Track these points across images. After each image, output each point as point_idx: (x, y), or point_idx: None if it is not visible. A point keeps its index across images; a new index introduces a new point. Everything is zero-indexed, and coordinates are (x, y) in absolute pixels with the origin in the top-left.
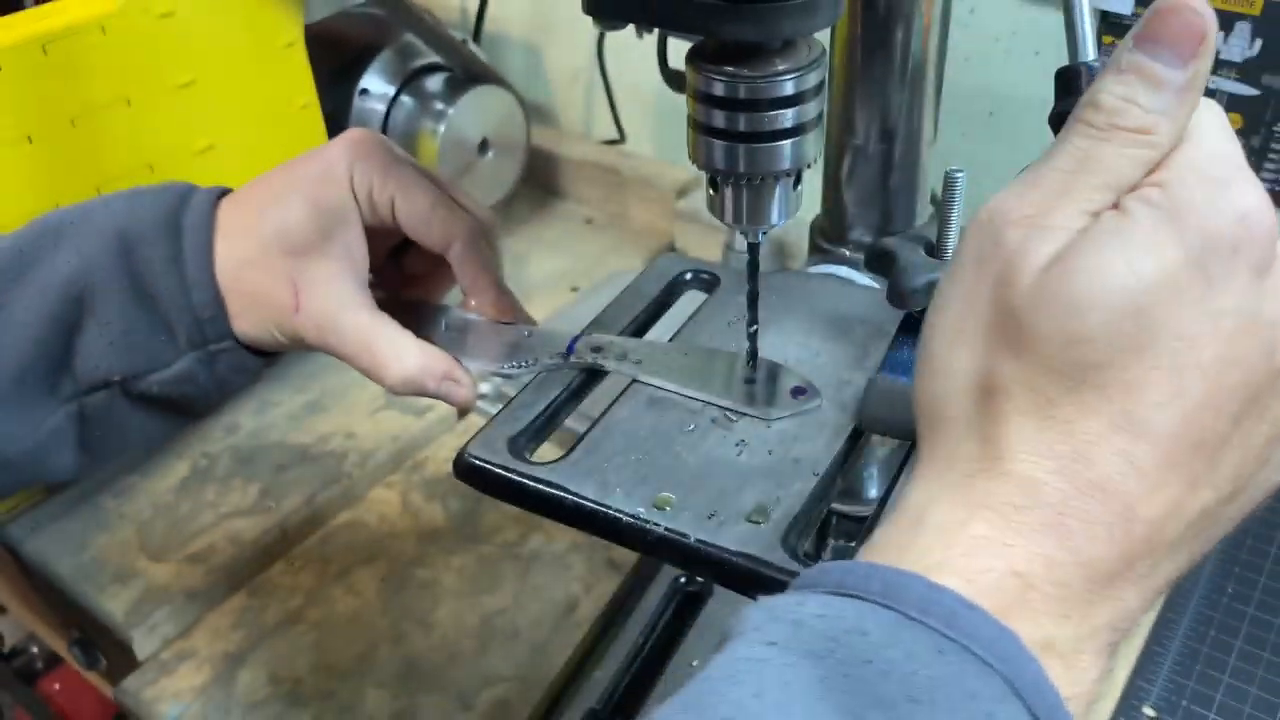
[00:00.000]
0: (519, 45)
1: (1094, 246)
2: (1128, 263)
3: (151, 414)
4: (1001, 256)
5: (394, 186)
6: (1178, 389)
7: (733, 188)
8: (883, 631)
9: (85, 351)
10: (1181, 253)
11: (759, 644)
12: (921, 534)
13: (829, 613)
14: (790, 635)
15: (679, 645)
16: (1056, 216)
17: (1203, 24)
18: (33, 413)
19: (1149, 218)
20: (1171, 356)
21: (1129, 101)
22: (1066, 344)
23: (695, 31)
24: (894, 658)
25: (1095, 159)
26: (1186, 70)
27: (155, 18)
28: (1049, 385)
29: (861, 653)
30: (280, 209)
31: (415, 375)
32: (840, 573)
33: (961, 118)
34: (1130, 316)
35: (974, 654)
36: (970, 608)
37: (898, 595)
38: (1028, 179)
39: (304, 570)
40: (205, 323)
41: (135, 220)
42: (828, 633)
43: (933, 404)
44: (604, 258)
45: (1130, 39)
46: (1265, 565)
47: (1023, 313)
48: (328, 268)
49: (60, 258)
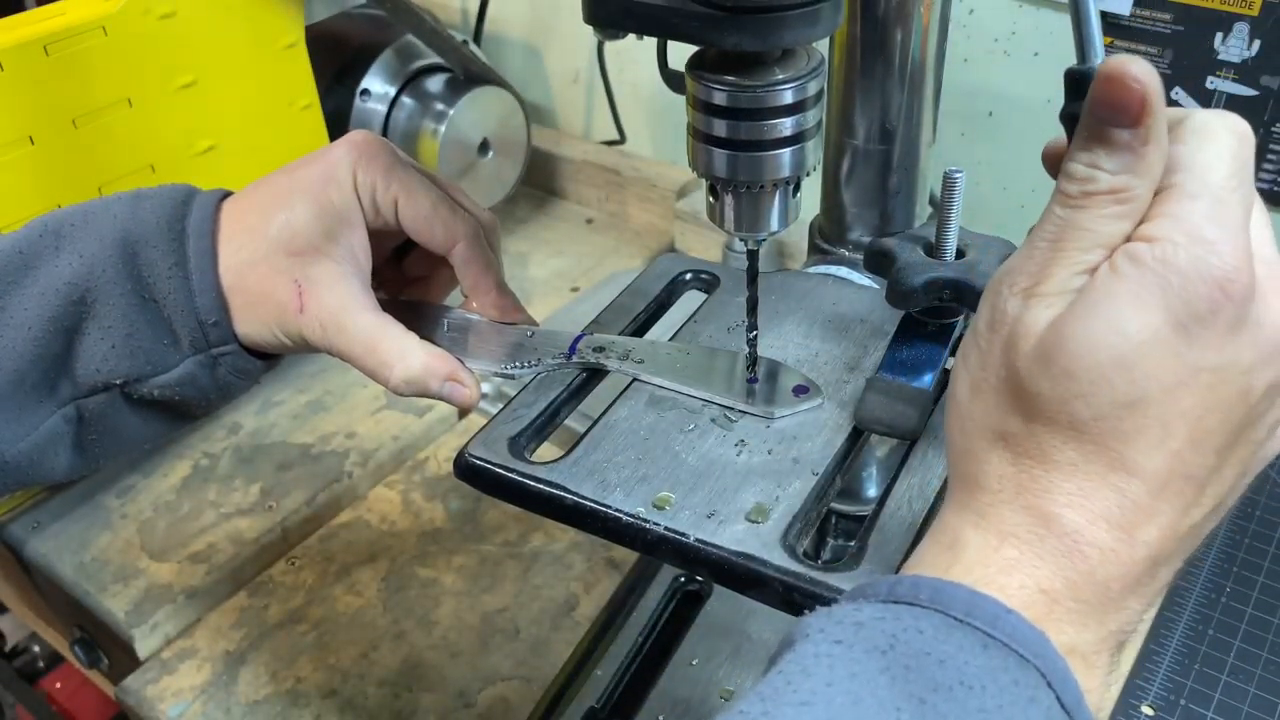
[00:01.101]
0: (519, 46)
1: (1085, 311)
2: (1115, 327)
3: (150, 417)
4: (1006, 323)
5: (397, 188)
6: (1165, 434)
7: (732, 195)
8: (936, 631)
9: (86, 354)
10: (1164, 316)
11: (826, 642)
12: (961, 555)
13: (887, 615)
14: (854, 634)
15: (679, 644)
16: (1050, 284)
17: (1142, 89)
18: (31, 415)
19: (1136, 279)
20: (1158, 407)
21: (1095, 168)
22: (1065, 402)
23: (696, 42)
24: (948, 651)
25: (1076, 226)
26: (1139, 129)
27: (156, 18)
28: (1052, 437)
29: (920, 647)
30: (285, 210)
31: (418, 376)
32: (889, 585)
33: (961, 118)
34: (1119, 374)
35: (1014, 651)
36: (1009, 612)
37: (945, 601)
38: (1025, 249)
39: (305, 569)
40: (208, 326)
41: (138, 223)
42: (888, 631)
43: (958, 441)
44: (604, 258)
45: (1087, 104)
46: (1263, 565)
47: (1025, 377)
48: (332, 269)
49: (61, 260)
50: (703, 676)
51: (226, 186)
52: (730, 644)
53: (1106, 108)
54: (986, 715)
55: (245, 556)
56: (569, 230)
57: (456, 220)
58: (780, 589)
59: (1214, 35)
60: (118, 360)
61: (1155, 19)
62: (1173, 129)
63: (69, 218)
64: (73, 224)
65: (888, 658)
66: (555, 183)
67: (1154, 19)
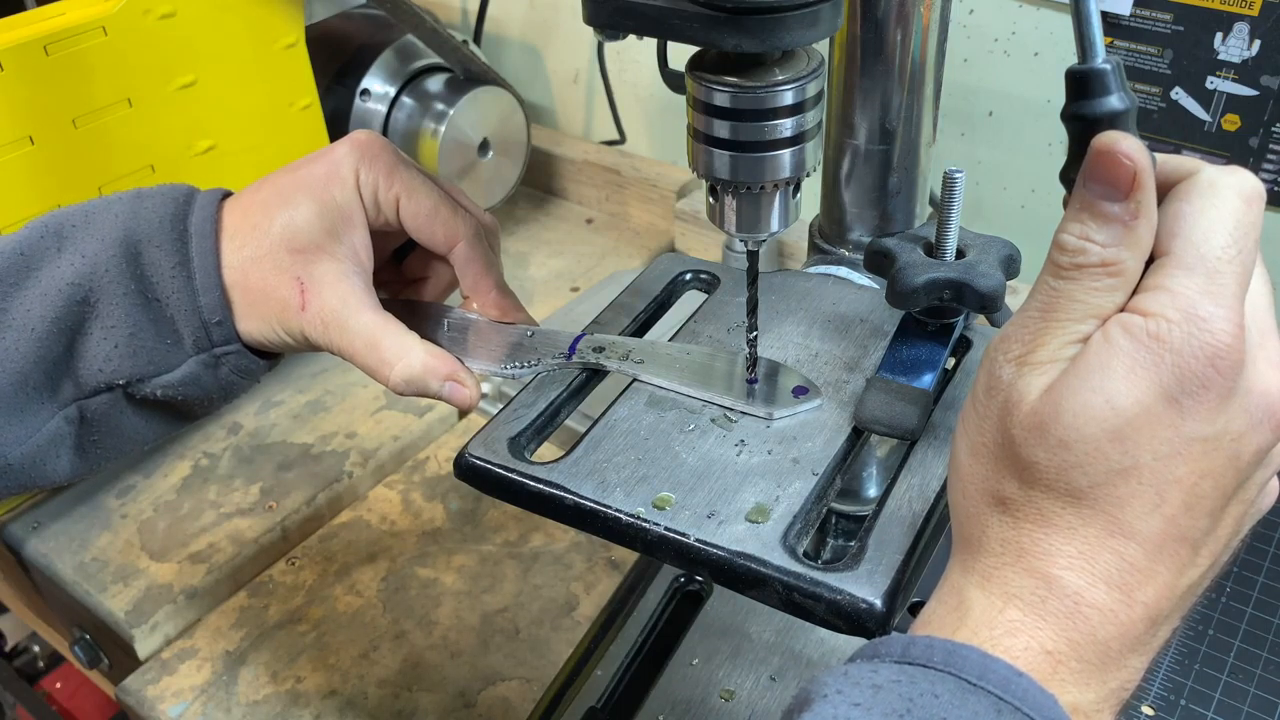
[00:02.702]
0: (519, 46)
1: (1079, 382)
2: (1108, 399)
3: (151, 417)
4: (1001, 390)
5: (399, 187)
6: (1159, 500)
7: (733, 196)
8: (950, 695)
9: (89, 355)
10: (1157, 390)
11: (844, 705)
12: (967, 617)
13: (903, 678)
14: (871, 697)
15: (679, 645)
16: (1042, 353)
17: (1133, 166)
18: (33, 417)
19: (1129, 353)
20: (1151, 474)
21: (1086, 240)
22: (1062, 471)
23: (696, 43)
24: (963, 716)
25: (1067, 297)
26: (1130, 203)
27: (157, 18)
28: (1049, 503)
29: (936, 711)
30: (288, 208)
31: (418, 375)
32: (903, 645)
33: (961, 118)
34: (1113, 445)
35: (1026, 715)
36: (1019, 675)
37: (959, 665)
38: (1018, 316)
39: (305, 569)
40: (211, 325)
41: (140, 223)
42: (904, 694)
43: (960, 503)
44: (604, 258)
45: (1081, 176)
46: (1263, 565)
47: (1021, 445)
48: (334, 267)
49: (63, 260)
50: (703, 676)
51: (227, 186)
52: (730, 644)
53: (1099, 181)
54: None
55: (245, 556)
56: (569, 230)
57: (457, 220)
58: (780, 589)
59: (1214, 35)
60: (120, 360)
61: (1155, 19)
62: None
63: (70, 218)
64: (74, 224)
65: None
66: (555, 183)
67: (1154, 19)
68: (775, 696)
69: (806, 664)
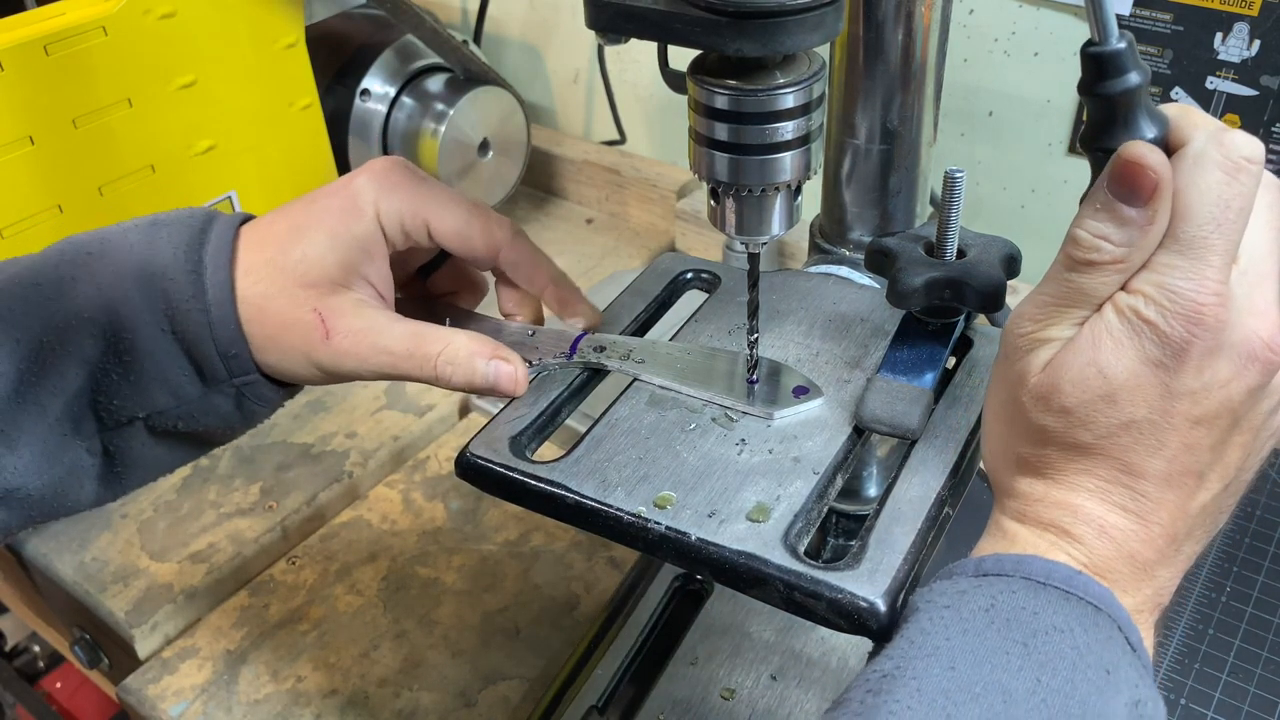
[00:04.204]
0: (519, 46)
1: (1073, 355)
2: (1100, 369)
3: (174, 446)
4: (1015, 360)
5: (426, 211)
6: (1158, 444)
7: (734, 199)
8: (1025, 591)
9: (108, 390)
10: (1141, 356)
11: (936, 609)
12: (1015, 543)
13: (982, 585)
14: (959, 600)
15: (679, 643)
16: (1050, 330)
17: (1156, 178)
18: (56, 450)
19: (1116, 326)
20: (1149, 425)
21: (1102, 239)
22: (1066, 430)
23: (697, 46)
24: (1038, 605)
25: (1078, 287)
26: (1147, 209)
27: (157, 18)
28: (1060, 457)
29: (1015, 603)
30: (302, 245)
31: (465, 356)
32: (974, 564)
33: (961, 118)
34: (1109, 405)
35: (1089, 603)
36: (1079, 573)
37: (1027, 570)
38: (1032, 297)
39: (305, 569)
40: (229, 358)
41: (156, 253)
42: (987, 594)
43: (990, 460)
44: (604, 258)
45: (1104, 177)
46: (1263, 565)
47: (1030, 411)
48: (352, 297)
49: (80, 293)
50: (703, 676)
51: (226, 186)
52: (730, 644)
53: (1122, 186)
54: (1078, 653)
55: (245, 556)
56: (569, 230)
57: (493, 226)
58: (781, 588)
59: (1214, 35)
60: (141, 394)
61: (1155, 19)
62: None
63: (85, 245)
64: (89, 252)
65: (990, 614)
66: (555, 183)
67: (1154, 19)
68: (775, 695)
69: (807, 663)
